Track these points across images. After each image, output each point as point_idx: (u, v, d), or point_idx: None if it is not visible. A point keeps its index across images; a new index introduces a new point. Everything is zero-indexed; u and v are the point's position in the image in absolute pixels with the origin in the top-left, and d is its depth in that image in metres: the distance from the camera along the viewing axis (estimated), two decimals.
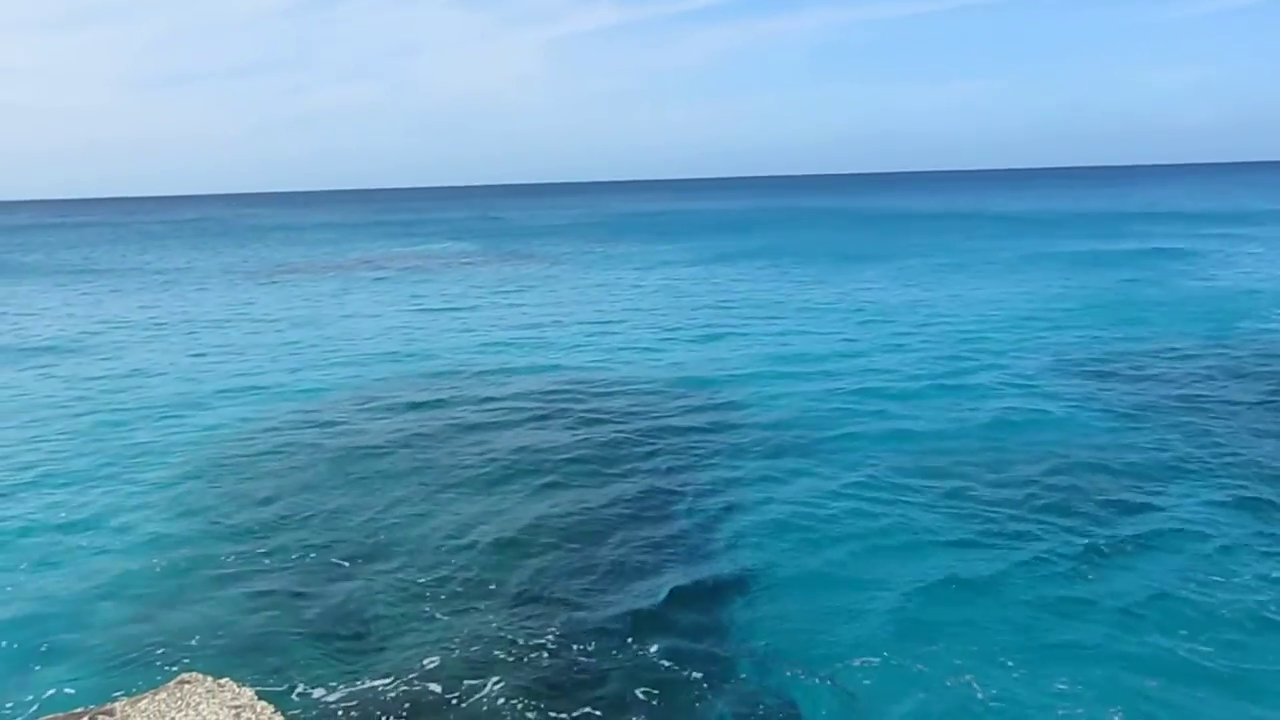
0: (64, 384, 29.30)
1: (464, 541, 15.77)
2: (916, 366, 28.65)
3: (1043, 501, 16.85)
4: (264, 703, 9.91)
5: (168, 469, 20.01)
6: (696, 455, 20.26)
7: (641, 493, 17.98)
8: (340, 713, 10.89)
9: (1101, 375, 26.79)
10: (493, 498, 17.88)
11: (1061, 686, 11.19)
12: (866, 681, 11.48)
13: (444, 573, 14.55)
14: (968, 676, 11.44)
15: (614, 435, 21.81)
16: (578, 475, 19.03)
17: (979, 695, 11.07)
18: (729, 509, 17.12)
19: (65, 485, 19.00)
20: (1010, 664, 11.68)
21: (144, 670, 11.67)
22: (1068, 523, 15.85)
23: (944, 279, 50.72)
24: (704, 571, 14.57)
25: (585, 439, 21.56)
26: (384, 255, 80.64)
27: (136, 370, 31.40)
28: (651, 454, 20.39)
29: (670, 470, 19.31)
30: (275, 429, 23.12)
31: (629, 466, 19.54)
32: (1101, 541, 15.05)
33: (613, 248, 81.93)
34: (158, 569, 14.92)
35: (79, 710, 9.46)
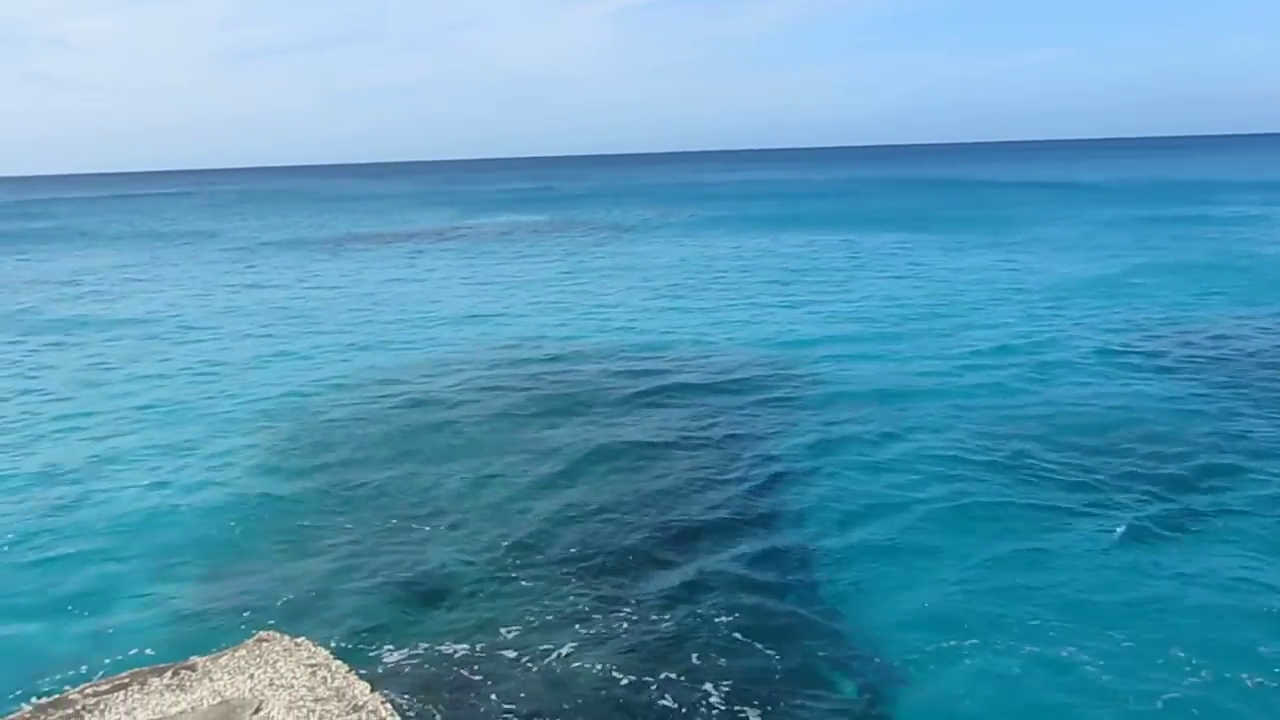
0: (142, 351, 30.01)
1: (539, 506, 15.76)
2: (996, 333, 28.05)
3: (1124, 469, 16.41)
4: (339, 661, 10.02)
5: (246, 432, 20.36)
6: (775, 420, 20.09)
7: (722, 458, 17.80)
8: (412, 672, 10.98)
9: (1186, 344, 25.91)
10: (570, 462, 17.81)
11: (1161, 651, 10.83)
12: (953, 649, 11.18)
13: (519, 537, 14.55)
14: (1066, 643, 11.12)
15: (694, 401, 21.68)
16: (658, 442, 18.84)
17: (1083, 661, 10.74)
18: (804, 474, 16.94)
19: (145, 449, 19.42)
20: (1111, 631, 11.33)
21: (224, 627, 11.90)
22: (1154, 490, 15.44)
23: (1024, 246, 49.50)
24: (781, 535, 14.44)
25: (664, 405, 21.45)
26: (451, 225, 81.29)
27: (212, 335, 32.10)
28: (730, 418, 20.24)
29: (748, 435, 19.15)
30: (352, 394, 23.39)
31: (709, 432, 19.37)
32: (1188, 509, 14.64)
33: (679, 217, 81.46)
34: (236, 529, 15.23)
35: (163, 665, 9.67)
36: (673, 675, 10.77)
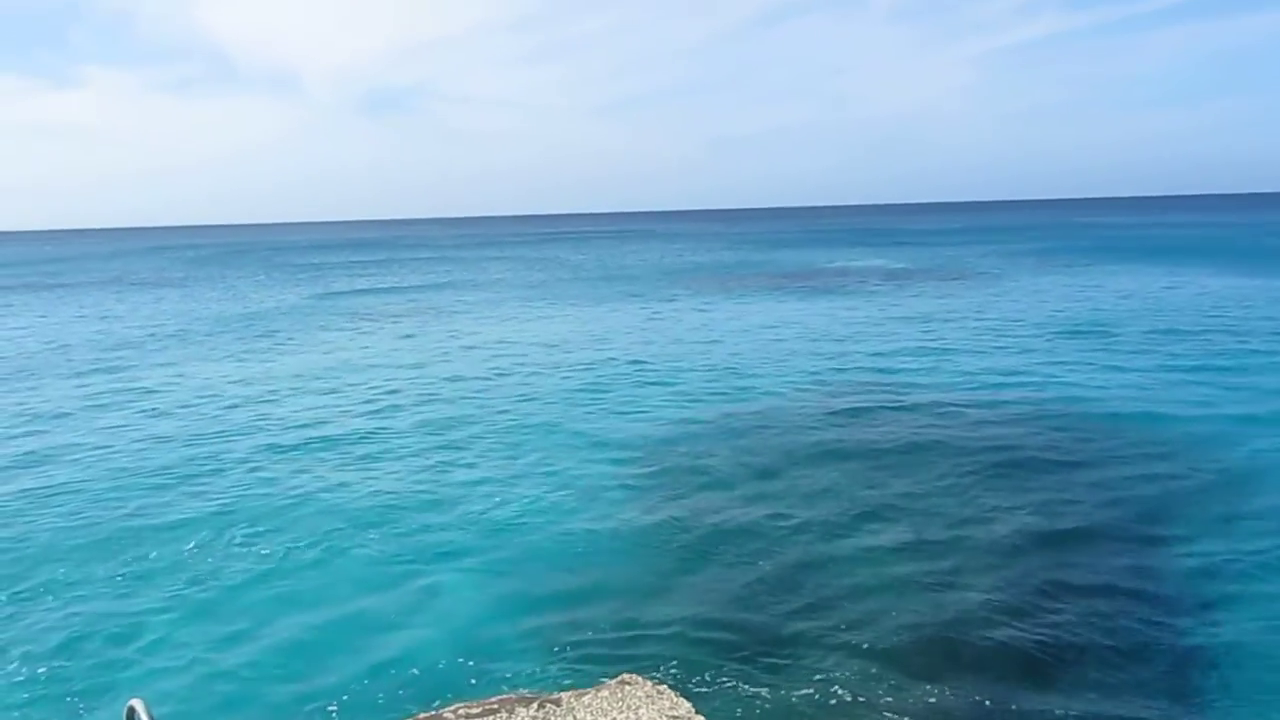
0: (515, 379, 31.29)
1: (911, 569, 14.27)
2: None
3: None
4: (701, 717, 9.46)
5: (617, 468, 20.27)
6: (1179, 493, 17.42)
7: (1116, 546, 15.29)
8: None
9: None
10: (947, 524, 16.15)
11: None
12: None
13: (906, 620, 12.90)
14: None
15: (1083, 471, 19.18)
16: (1059, 520, 16.49)
17: None
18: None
19: (521, 480, 19.62)
20: None
21: (586, 665, 11.72)
22: None
23: None
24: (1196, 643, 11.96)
25: (1057, 468, 19.21)
26: (828, 267, 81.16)
27: (594, 361, 33.62)
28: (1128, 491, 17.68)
29: (1153, 523, 16.42)
30: (731, 429, 23.02)
31: (1101, 512, 16.82)
32: None
33: (1064, 262, 75.37)
34: (598, 560, 15.17)
35: (530, 695, 9.64)
36: None
